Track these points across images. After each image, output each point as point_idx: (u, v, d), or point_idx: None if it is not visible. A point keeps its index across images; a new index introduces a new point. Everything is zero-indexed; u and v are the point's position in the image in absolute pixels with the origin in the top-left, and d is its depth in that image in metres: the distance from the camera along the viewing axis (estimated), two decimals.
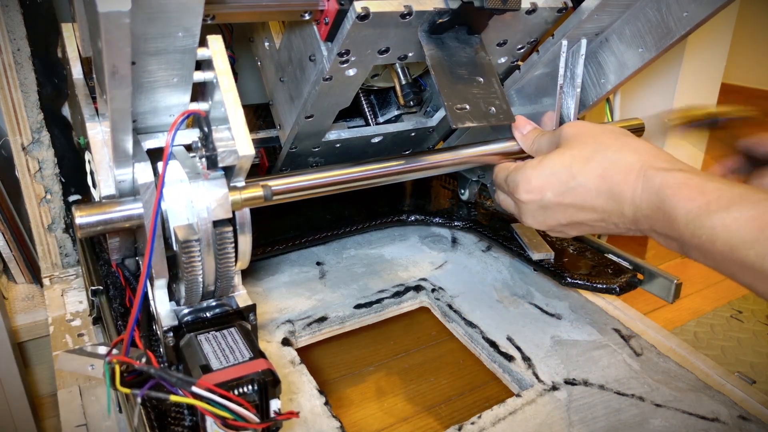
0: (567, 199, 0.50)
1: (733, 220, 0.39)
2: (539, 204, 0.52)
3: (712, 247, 0.40)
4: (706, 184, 0.42)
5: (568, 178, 0.50)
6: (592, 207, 0.49)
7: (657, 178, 0.45)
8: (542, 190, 0.51)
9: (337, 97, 0.60)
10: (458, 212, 0.90)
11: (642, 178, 0.46)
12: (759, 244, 0.37)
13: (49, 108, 0.77)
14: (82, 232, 0.43)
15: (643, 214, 0.46)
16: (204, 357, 0.42)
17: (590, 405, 0.59)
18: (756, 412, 0.58)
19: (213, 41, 0.43)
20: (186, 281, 0.45)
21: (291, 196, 0.53)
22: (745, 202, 0.39)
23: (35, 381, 0.84)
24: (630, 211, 0.47)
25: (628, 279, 0.72)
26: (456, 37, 0.56)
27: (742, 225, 0.38)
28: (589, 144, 0.50)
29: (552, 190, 0.51)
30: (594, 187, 0.48)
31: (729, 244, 0.39)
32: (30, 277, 0.88)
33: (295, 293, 0.75)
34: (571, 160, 0.50)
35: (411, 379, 0.72)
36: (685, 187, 0.43)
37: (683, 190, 0.42)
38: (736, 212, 0.39)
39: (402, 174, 0.58)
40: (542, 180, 0.51)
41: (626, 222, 0.48)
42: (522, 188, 0.53)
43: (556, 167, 0.51)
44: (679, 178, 0.43)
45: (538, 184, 0.52)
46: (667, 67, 1.15)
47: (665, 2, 0.56)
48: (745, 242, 0.38)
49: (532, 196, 0.52)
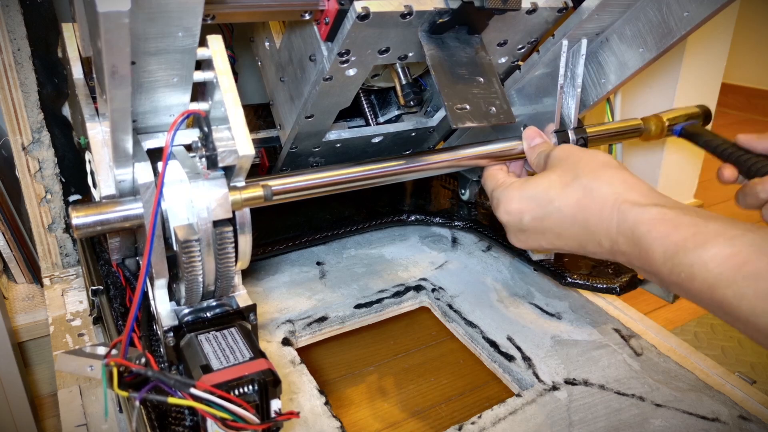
0: (545, 223, 0.50)
1: (710, 258, 0.38)
2: (518, 226, 0.52)
3: (691, 285, 0.40)
4: (681, 218, 0.41)
5: (545, 202, 0.50)
6: (569, 234, 0.49)
7: (631, 214, 0.44)
8: (521, 213, 0.51)
9: (337, 97, 0.60)
10: (458, 212, 0.90)
11: (616, 212, 0.45)
12: (736, 284, 0.37)
13: (49, 108, 0.77)
14: (79, 233, 0.43)
15: (619, 249, 0.45)
16: (204, 357, 0.42)
17: (590, 405, 0.59)
18: (756, 412, 0.58)
19: (213, 41, 0.43)
20: (186, 281, 0.45)
21: (291, 196, 0.53)
22: (721, 239, 0.39)
23: (35, 381, 0.84)
24: (606, 243, 0.46)
25: (628, 279, 0.72)
26: (456, 37, 0.56)
27: (719, 264, 0.38)
28: (570, 170, 0.50)
29: (530, 214, 0.51)
30: (570, 214, 0.48)
31: (707, 283, 0.38)
32: (30, 277, 0.88)
33: (295, 293, 0.75)
34: (549, 184, 0.50)
35: (411, 379, 0.72)
36: (660, 223, 0.42)
37: (658, 227, 0.42)
38: (713, 249, 0.38)
39: (402, 174, 0.58)
40: (522, 203, 0.51)
41: (604, 252, 0.48)
42: (502, 208, 0.53)
43: (537, 190, 0.51)
44: (654, 214, 0.43)
45: (518, 206, 0.52)
46: (667, 67, 1.15)
47: (666, 2, 0.56)
48: (722, 281, 0.37)
49: (511, 217, 0.52)
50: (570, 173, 0.50)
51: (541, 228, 0.51)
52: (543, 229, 0.51)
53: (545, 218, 0.50)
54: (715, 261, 0.38)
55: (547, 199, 0.50)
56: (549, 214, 0.49)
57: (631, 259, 0.45)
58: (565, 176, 0.50)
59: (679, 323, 1.12)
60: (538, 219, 0.50)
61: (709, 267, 0.38)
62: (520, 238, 0.54)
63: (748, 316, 0.36)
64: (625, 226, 0.44)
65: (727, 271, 0.37)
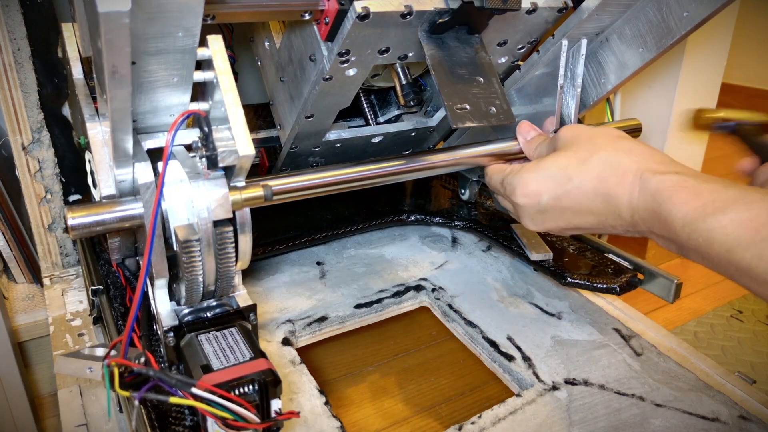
0: (564, 201, 0.50)
1: (729, 222, 0.39)
2: (536, 207, 0.52)
3: (710, 249, 0.40)
4: (702, 185, 0.42)
5: (564, 180, 0.50)
6: (589, 209, 0.49)
7: (653, 181, 0.45)
8: (539, 194, 0.51)
9: (337, 97, 0.60)
10: (458, 212, 0.90)
11: (638, 181, 0.46)
12: (755, 245, 0.37)
13: (49, 108, 0.77)
14: (75, 233, 0.42)
15: (640, 217, 0.46)
16: (205, 357, 0.42)
17: (590, 405, 0.59)
18: (756, 412, 0.58)
19: (213, 41, 0.43)
20: (186, 281, 0.45)
21: (291, 196, 0.53)
22: (740, 204, 0.39)
23: (35, 381, 0.84)
24: (627, 213, 0.47)
25: (628, 279, 0.72)
26: (456, 37, 0.56)
27: (738, 227, 0.38)
28: (585, 146, 0.50)
29: (549, 193, 0.51)
30: (590, 188, 0.48)
31: (725, 247, 0.39)
32: (30, 277, 0.88)
33: (295, 293, 0.75)
34: (566, 162, 0.50)
35: (411, 379, 0.72)
36: (681, 190, 0.43)
37: (679, 193, 0.42)
38: (732, 214, 0.39)
39: (402, 174, 0.58)
40: (539, 183, 0.51)
41: (624, 224, 0.48)
42: (519, 192, 0.53)
43: (552, 170, 0.51)
44: (675, 181, 0.43)
45: (535, 187, 0.52)
46: (667, 67, 1.15)
47: (666, 2, 0.56)
48: (740, 244, 0.38)
49: (528, 199, 0.52)
50: (586, 149, 0.50)
51: (560, 207, 0.50)
52: (562, 208, 0.50)
53: (564, 196, 0.50)
54: (734, 224, 0.38)
55: (566, 176, 0.50)
56: (568, 192, 0.49)
57: (651, 227, 0.45)
58: (582, 152, 0.50)
59: (679, 323, 1.12)
60: (557, 198, 0.50)
61: (727, 231, 0.39)
62: (537, 220, 0.53)
63: (766, 276, 0.37)
64: (647, 193, 0.45)
65: (746, 234, 0.38)
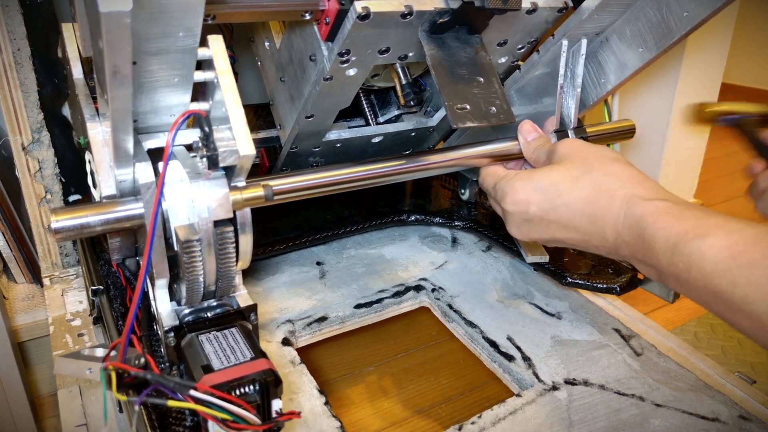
0: (551, 215, 0.51)
1: (709, 248, 0.39)
2: (524, 216, 0.53)
3: (687, 275, 0.40)
4: (685, 212, 0.43)
5: (554, 195, 0.50)
6: (575, 227, 0.50)
7: (639, 207, 0.45)
8: (528, 204, 0.52)
9: (337, 97, 0.60)
10: (458, 212, 0.90)
11: (625, 206, 0.46)
12: (730, 272, 0.38)
13: (49, 108, 0.77)
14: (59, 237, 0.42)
15: (623, 241, 0.46)
16: (205, 357, 0.42)
17: (590, 405, 0.59)
18: (756, 412, 0.58)
19: (213, 41, 0.43)
20: (187, 281, 0.45)
21: (291, 196, 0.53)
22: (720, 231, 0.39)
23: (35, 381, 0.84)
24: (611, 236, 0.47)
25: (628, 279, 0.72)
26: (456, 37, 0.56)
27: (717, 253, 0.39)
28: (579, 164, 0.51)
29: (537, 205, 0.51)
30: (578, 208, 0.49)
31: (702, 272, 0.39)
32: (30, 277, 0.88)
33: (295, 293, 0.75)
34: (559, 177, 0.51)
35: (411, 379, 0.72)
36: (665, 215, 0.43)
37: (663, 218, 0.43)
38: (712, 240, 0.39)
39: (402, 174, 0.58)
40: (529, 194, 0.52)
41: (607, 246, 0.48)
42: (509, 199, 0.53)
43: (543, 183, 0.51)
44: (660, 207, 0.44)
45: (525, 197, 0.52)
46: (667, 67, 1.15)
47: (666, 2, 0.56)
48: (717, 270, 0.38)
49: (517, 207, 0.53)
50: (579, 168, 0.50)
51: (546, 219, 0.51)
52: (548, 221, 0.51)
53: (552, 211, 0.50)
54: (713, 250, 0.39)
55: (556, 192, 0.50)
56: (556, 208, 0.50)
57: (633, 251, 0.46)
58: (575, 171, 0.50)
59: (679, 323, 1.12)
60: (544, 211, 0.51)
61: (706, 256, 0.39)
62: (522, 228, 0.54)
63: (740, 304, 0.37)
64: (632, 218, 0.45)
65: (723, 261, 0.38)
